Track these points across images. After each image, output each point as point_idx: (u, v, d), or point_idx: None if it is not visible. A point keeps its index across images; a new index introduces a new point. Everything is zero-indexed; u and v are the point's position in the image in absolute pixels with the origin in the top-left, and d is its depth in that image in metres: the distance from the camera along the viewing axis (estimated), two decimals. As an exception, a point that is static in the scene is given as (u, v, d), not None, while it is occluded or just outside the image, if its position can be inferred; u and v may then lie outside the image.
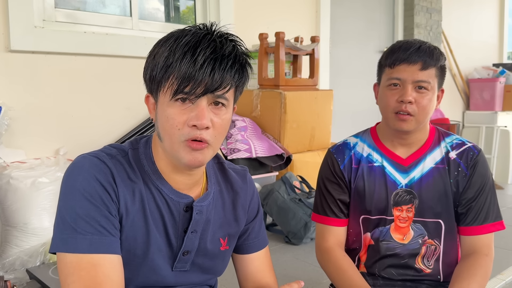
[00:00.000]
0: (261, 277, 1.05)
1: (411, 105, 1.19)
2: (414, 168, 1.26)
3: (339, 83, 4.15)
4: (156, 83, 0.84)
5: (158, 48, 0.84)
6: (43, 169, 2.14)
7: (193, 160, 0.83)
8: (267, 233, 2.52)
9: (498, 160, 5.40)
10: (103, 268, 0.79)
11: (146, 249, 0.88)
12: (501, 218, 1.26)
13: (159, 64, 0.81)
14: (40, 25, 2.37)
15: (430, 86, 1.20)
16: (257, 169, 2.77)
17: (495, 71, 5.58)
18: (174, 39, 0.82)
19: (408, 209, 1.25)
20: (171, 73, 0.80)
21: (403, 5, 4.81)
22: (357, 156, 1.30)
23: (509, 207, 3.24)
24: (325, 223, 1.31)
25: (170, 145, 0.84)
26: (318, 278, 1.94)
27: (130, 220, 0.86)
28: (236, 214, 1.01)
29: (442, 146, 1.28)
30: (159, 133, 0.86)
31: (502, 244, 2.31)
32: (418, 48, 1.20)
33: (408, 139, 1.27)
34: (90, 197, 0.81)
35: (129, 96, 2.66)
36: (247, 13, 3.30)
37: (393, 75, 1.21)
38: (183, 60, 0.79)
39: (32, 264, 1.96)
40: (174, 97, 0.81)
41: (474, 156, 1.25)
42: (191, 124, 0.81)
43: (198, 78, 0.79)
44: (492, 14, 6.19)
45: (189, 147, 0.82)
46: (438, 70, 1.22)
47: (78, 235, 0.79)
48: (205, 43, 0.80)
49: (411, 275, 1.28)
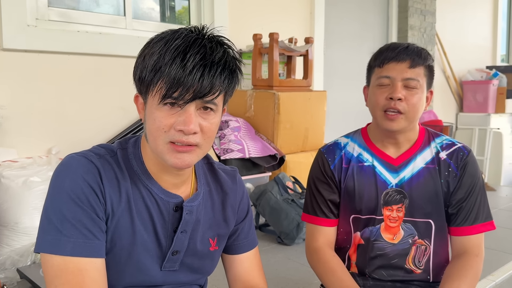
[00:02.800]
0: (250, 278, 1.05)
1: (401, 102, 1.20)
2: (404, 168, 1.27)
3: (332, 84, 4.16)
4: (145, 85, 0.83)
5: (149, 49, 0.83)
6: (35, 168, 2.13)
7: (180, 163, 0.84)
8: (259, 234, 2.54)
9: (491, 162, 5.43)
10: (89, 273, 0.80)
11: (131, 249, 0.88)
12: (491, 218, 1.27)
13: (149, 66, 0.81)
14: (33, 24, 2.36)
15: (419, 84, 1.21)
16: (250, 169, 2.77)
17: (489, 73, 5.62)
18: (164, 42, 0.81)
19: (398, 208, 1.26)
20: (160, 77, 0.80)
21: (397, 7, 4.83)
22: (348, 156, 1.31)
23: (501, 208, 3.26)
24: (315, 223, 1.31)
25: (155, 146, 0.85)
26: (310, 278, 1.95)
27: (116, 220, 0.86)
28: (226, 215, 1.01)
29: (432, 146, 1.29)
30: (146, 134, 0.87)
31: (493, 245, 2.32)
32: (406, 47, 1.22)
33: (398, 139, 1.27)
34: (77, 199, 0.81)
35: (122, 95, 2.65)
36: (242, 14, 3.31)
37: (382, 73, 1.23)
38: (173, 65, 0.78)
39: (23, 264, 1.95)
40: (162, 101, 0.81)
41: (464, 157, 1.26)
42: (178, 128, 0.81)
43: (187, 83, 0.78)
44: (485, 17, 6.23)
45: (173, 149, 0.83)
46: (427, 69, 1.23)
47: (62, 237, 0.80)
48: (195, 48, 0.79)
49: (401, 276, 1.29)
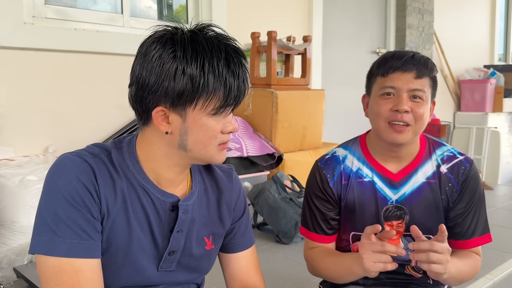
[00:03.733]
0: (247, 276, 1.05)
1: (407, 114, 1.13)
2: (405, 184, 1.22)
3: (331, 83, 4.16)
4: (190, 99, 0.82)
5: (181, 63, 0.80)
6: (31, 167, 2.12)
7: (224, 158, 0.92)
8: (257, 233, 2.54)
9: (488, 161, 5.44)
10: (85, 273, 0.80)
11: (128, 250, 0.87)
12: (488, 230, 1.25)
13: (203, 80, 0.80)
14: (30, 21, 2.35)
15: (425, 95, 1.15)
16: (248, 168, 2.77)
17: (486, 72, 5.63)
18: (201, 57, 0.80)
19: (398, 224, 1.22)
20: (218, 88, 0.82)
21: (395, 6, 4.83)
22: (347, 171, 1.25)
23: (498, 207, 3.27)
24: (314, 240, 1.29)
25: (205, 153, 0.88)
26: (308, 277, 1.94)
27: (111, 220, 0.85)
28: (221, 213, 1.00)
29: (433, 159, 1.24)
30: (187, 145, 0.86)
31: (491, 244, 2.32)
32: (412, 57, 1.16)
33: (400, 152, 1.21)
34: (72, 200, 0.81)
35: (119, 94, 2.63)
36: (240, 12, 3.30)
37: (386, 83, 1.16)
38: (229, 76, 0.83)
39: (20, 263, 1.94)
40: (217, 111, 0.84)
41: (466, 171, 1.21)
42: (227, 131, 0.88)
43: (241, 89, 0.86)
44: (483, 16, 6.24)
45: (221, 149, 0.90)
46: (431, 80, 1.18)
47: (57, 238, 0.79)
48: (233, 55, 0.84)
49: (401, 279, 1.28)
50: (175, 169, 0.90)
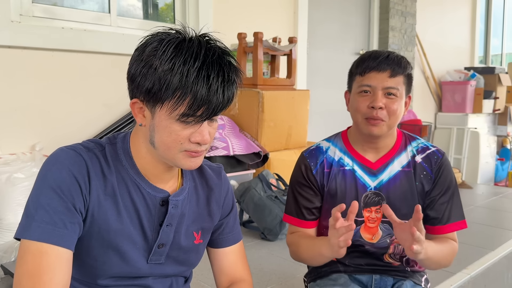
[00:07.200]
0: (235, 270, 1.09)
1: (382, 110, 1.24)
2: (382, 172, 1.32)
3: (315, 83, 4.22)
4: (157, 97, 0.82)
5: (157, 59, 0.81)
6: (18, 165, 2.12)
7: (194, 165, 0.90)
8: (243, 230, 2.58)
9: (468, 161, 5.58)
10: (48, 258, 0.80)
11: (119, 242, 0.90)
12: (463, 217, 1.33)
13: (167, 83, 0.80)
14: (17, 20, 2.35)
15: (399, 92, 1.26)
16: (235, 166, 2.81)
17: (467, 74, 5.76)
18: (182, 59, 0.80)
19: (376, 210, 1.31)
20: (182, 94, 0.80)
21: (378, 8, 4.92)
22: (329, 160, 1.36)
23: (477, 205, 3.36)
24: (297, 225, 1.37)
25: (167, 154, 0.87)
26: (292, 273, 1.99)
27: (103, 213, 0.88)
28: (210, 209, 1.04)
29: (409, 150, 1.34)
30: (154, 142, 0.87)
31: (469, 240, 2.41)
32: (386, 57, 1.26)
33: (378, 144, 1.32)
34: (57, 188, 0.83)
35: (106, 92, 2.65)
36: (226, 12, 3.33)
37: (363, 82, 1.27)
38: (198, 86, 0.79)
39: (7, 260, 1.94)
40: (183, 118, 0.82)
41: (439, 160, 1.32)
42: (194, 141, 0.85)
43: (212, 103, 0.81)
44: (464, 19, 6.38)
45: (188, 156, 0.87)
46: (406, 78, 1.28)
47: (33, 222, 0.82)
48: (215, 67, 0.81)
49: (380, 266, 1.35)
50: (158, 166, 0.92)
